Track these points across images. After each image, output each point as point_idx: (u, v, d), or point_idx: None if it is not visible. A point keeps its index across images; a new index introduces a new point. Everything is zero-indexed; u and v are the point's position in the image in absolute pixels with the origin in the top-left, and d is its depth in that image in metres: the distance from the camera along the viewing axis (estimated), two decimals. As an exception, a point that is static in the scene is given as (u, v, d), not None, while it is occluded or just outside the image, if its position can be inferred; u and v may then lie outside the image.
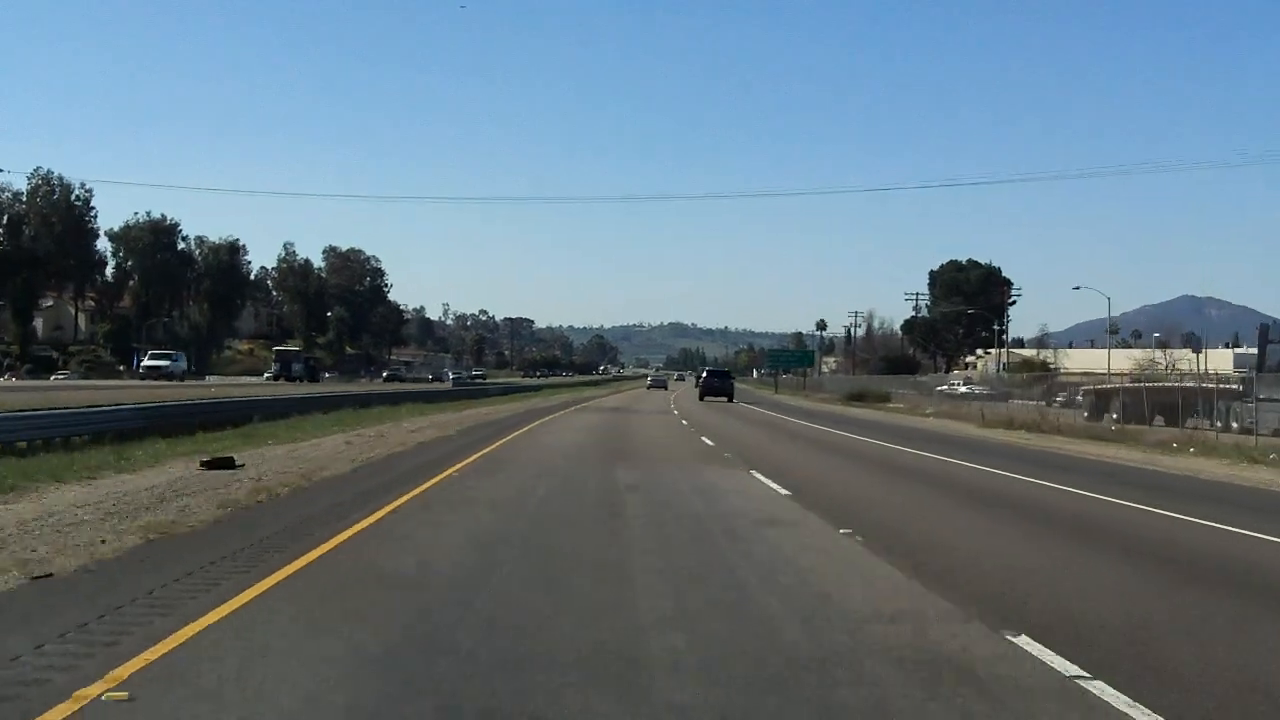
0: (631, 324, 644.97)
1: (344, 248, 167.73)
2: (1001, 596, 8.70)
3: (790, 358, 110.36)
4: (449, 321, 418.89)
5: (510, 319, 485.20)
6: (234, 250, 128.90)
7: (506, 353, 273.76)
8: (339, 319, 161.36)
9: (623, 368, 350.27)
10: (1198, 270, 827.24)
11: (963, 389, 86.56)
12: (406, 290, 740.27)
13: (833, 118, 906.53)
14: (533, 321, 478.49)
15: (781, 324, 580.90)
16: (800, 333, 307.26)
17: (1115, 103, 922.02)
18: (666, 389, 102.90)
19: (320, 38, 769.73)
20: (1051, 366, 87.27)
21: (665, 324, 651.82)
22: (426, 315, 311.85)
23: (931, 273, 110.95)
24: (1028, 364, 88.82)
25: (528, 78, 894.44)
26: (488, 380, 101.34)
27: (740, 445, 28.58)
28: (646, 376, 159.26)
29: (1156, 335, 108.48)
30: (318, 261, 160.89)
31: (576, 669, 6.15)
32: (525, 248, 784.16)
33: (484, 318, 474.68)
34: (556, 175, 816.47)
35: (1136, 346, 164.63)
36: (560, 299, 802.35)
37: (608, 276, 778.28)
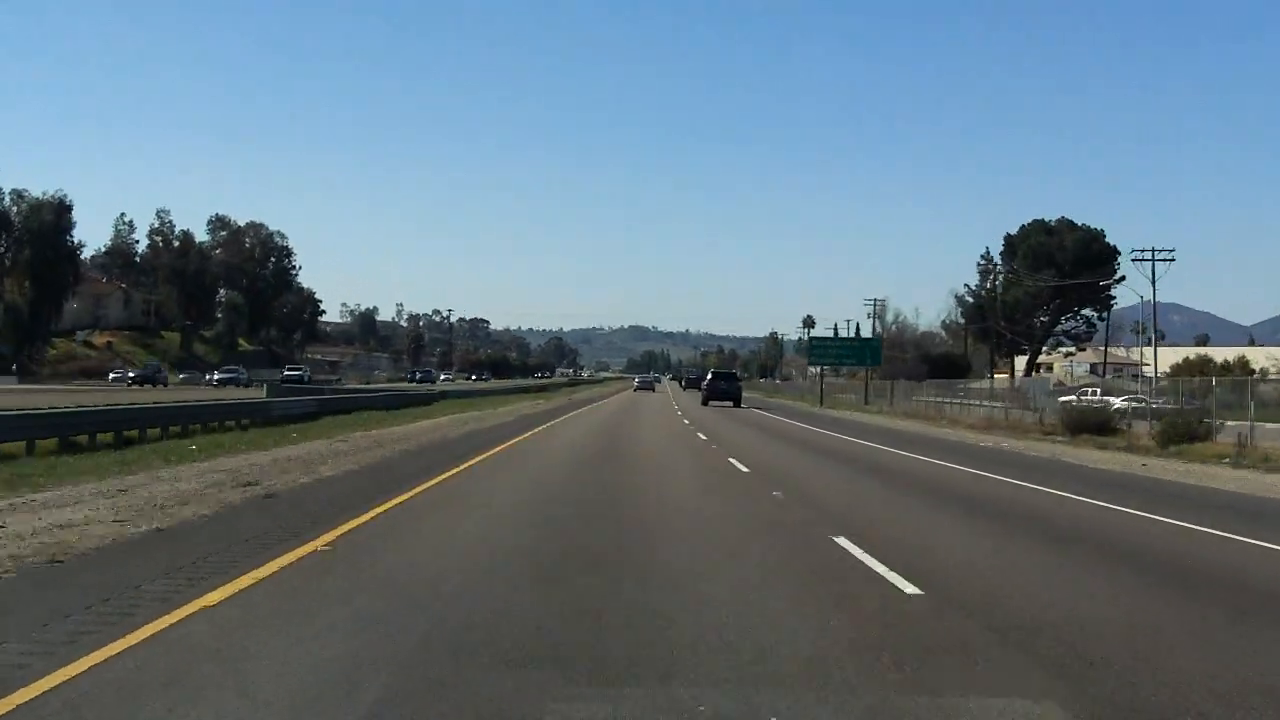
0: (591, 327, 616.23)
1: (238, 221, 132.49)
2: None
3: (843, 350, 68.31)
4: (403, 321, 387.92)
5: (465, 319, 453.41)
6: (61, 209, 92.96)
7: (455, 352, 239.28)
8: (231, 306, 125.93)
9: (581, 370, 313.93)
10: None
11: (1118, 402, 53.82)
12: (357, 289, 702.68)
13: (797, 120, 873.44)
14: (488, 322, 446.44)
15: (744, 328, 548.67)
16: (775, 333, 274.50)
17: (1080, 111, 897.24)
18: (654, 390, 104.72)
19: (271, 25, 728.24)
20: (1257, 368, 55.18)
21: (625, 327, 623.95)
22: (371, 313, 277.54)
23: (1009, 238, 77.57)
24: (1207, 364, 56.72)
25: (485, 82, 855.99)
26: (321, 386, 61.69)
27: None
28: (633, 378, 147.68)
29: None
30: (202, 234, 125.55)
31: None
32: (484, 250, 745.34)
33: (438, 318, 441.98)
34: (522, 179, 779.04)
35: (1164, 345, 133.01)
36: (520, 303, 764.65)
37: (567, 280, 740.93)
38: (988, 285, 73.42)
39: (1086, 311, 75.63)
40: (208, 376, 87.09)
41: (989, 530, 12.02)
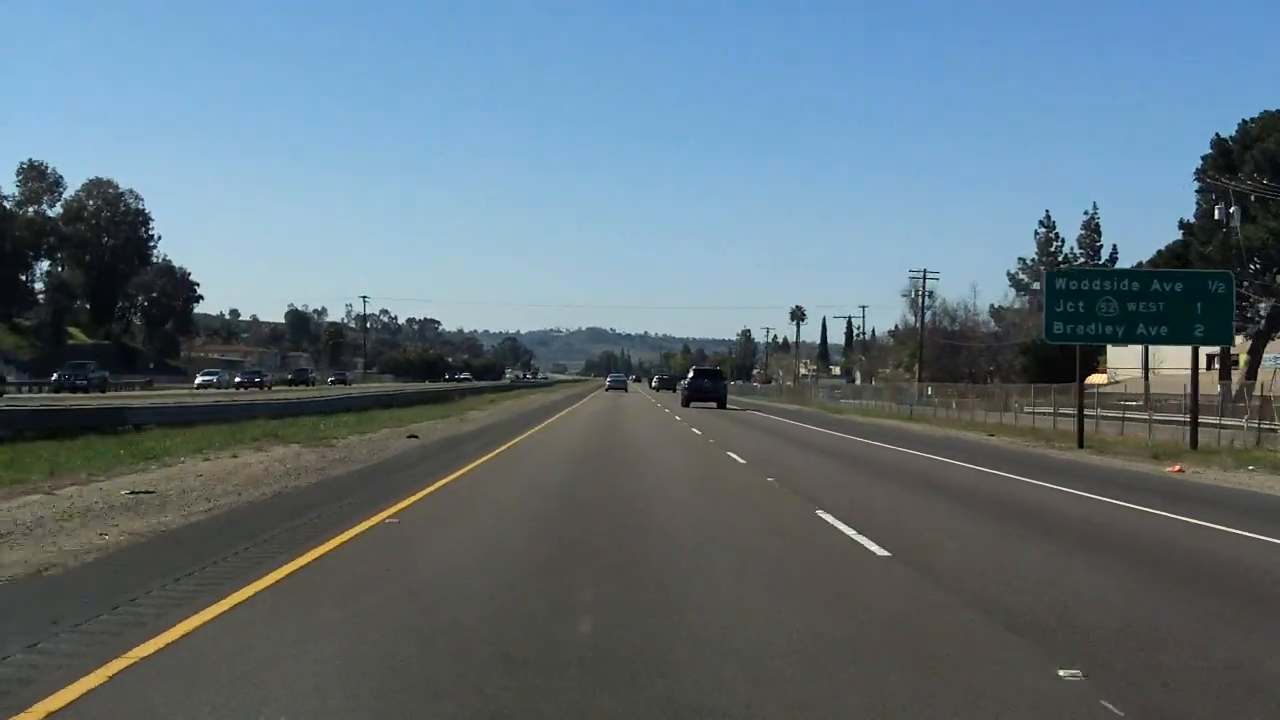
0: (549, 329, 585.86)
1: (60, 172, 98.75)
2: None
3: (1146, 293, 25.39)
4: (350, 322, 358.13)
5: (415, 320, 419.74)
6: None
7: (396, 350, 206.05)
8: (56, 286, 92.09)
9: (535, 372, 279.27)
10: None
11: None
12: (313, 290, 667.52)
13: (760, 109, 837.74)
14: (438, 323, 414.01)
15: (706, 330, 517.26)
16: (747, 330, 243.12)
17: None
18: (626, 390, 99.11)
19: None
20: None
21: (583, 329, 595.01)
22: (305, 312, 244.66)
23: (1221, 144, 45.05)
24: None
25: (448, 84, 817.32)
26: None
27: None
28: (589, 379, 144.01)
29: None
30: (9, 187, 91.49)
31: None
32: (440, 253, 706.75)
33: (386, 319, 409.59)
34: (485, 182, 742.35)
35: None
36: (477, 305, 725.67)
37: (524, 283, 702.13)
38: (1226, 224, 40.60)
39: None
40: None
41: None
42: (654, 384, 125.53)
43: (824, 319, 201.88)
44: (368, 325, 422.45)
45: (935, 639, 6.00)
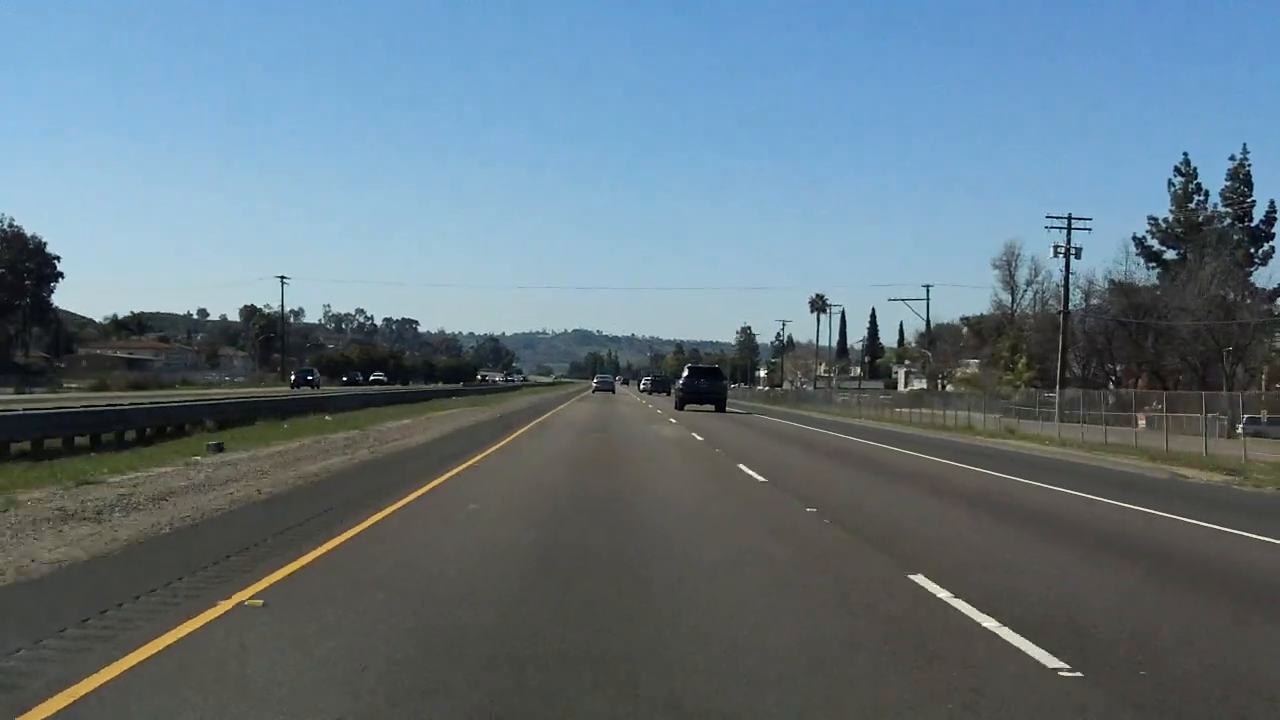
0: (534, 331, 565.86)
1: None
2: None
3: None
4: (328, 323, 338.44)
5: (393, 320, 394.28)
6: None
7: (385, 352, 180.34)
8: None
9: (516, 374, 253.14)
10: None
11: None
12: (295, 289, 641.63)
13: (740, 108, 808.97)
14: (417, 323, 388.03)
15: (697, 332, 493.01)
16: (748, 327, 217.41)
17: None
18: (614, 391, 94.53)
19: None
20: None
21: (569, 331, 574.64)
22: (261, 310, 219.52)
23: None
24: None
25: (419, 81, 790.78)
26: None
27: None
28: (571, 382, 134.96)
29: None
30: None
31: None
32: (426, 254, 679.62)
33: (363, 319, 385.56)
34: (469, 180, 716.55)
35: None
36: (461, 306, 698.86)
37: (509, 284, 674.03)
38: None
39: None
40: None
41: None
42: (643, 386, 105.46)
43: (842, 311, 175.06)
44: (341, 326, 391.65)
45: None
